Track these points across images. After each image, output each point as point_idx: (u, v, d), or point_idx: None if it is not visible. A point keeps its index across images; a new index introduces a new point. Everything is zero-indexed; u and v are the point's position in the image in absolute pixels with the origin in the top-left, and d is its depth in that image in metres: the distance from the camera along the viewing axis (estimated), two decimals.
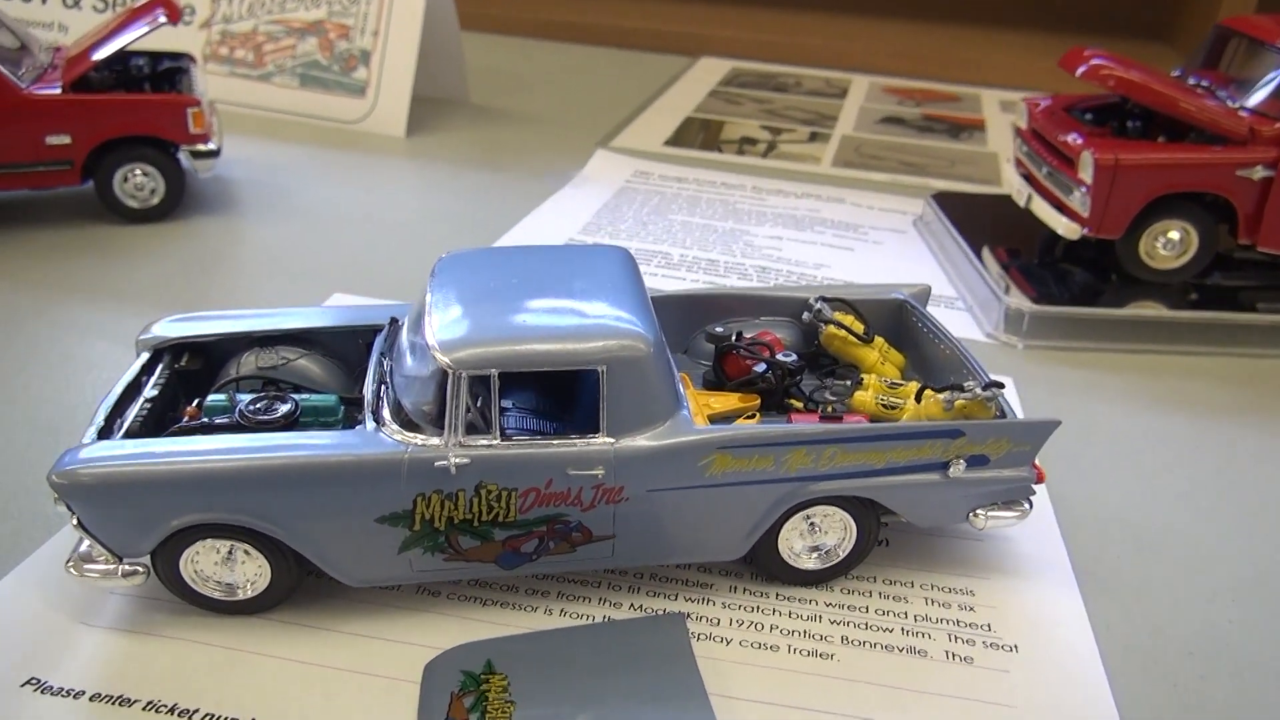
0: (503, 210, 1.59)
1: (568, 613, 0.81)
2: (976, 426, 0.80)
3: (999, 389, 0.82)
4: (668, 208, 1.64)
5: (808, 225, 1.61)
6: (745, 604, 0.83)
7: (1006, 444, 0.81)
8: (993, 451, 0.81)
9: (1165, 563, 0.90)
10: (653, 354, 0.76)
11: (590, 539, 0.78)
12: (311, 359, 0.91)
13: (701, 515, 0.79)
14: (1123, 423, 1.12)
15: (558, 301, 0.80)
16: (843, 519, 0.82)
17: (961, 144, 2.06)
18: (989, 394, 0.80)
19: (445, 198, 1.66)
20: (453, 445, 0.74)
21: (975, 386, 0.81)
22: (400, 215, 1.57)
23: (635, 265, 0.89)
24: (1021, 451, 0.81)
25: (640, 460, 0.76)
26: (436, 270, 0.86)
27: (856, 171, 1.86)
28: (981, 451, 0.81)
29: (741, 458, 0.77)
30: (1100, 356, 1.26)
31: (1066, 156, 1.33)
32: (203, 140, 1.46)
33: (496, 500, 0.75)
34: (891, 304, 1.02)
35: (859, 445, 0.78)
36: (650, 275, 1.40)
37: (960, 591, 0.86)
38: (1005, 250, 1.49)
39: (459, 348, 0.74)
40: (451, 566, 0.78)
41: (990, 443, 0.80)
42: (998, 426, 0.80)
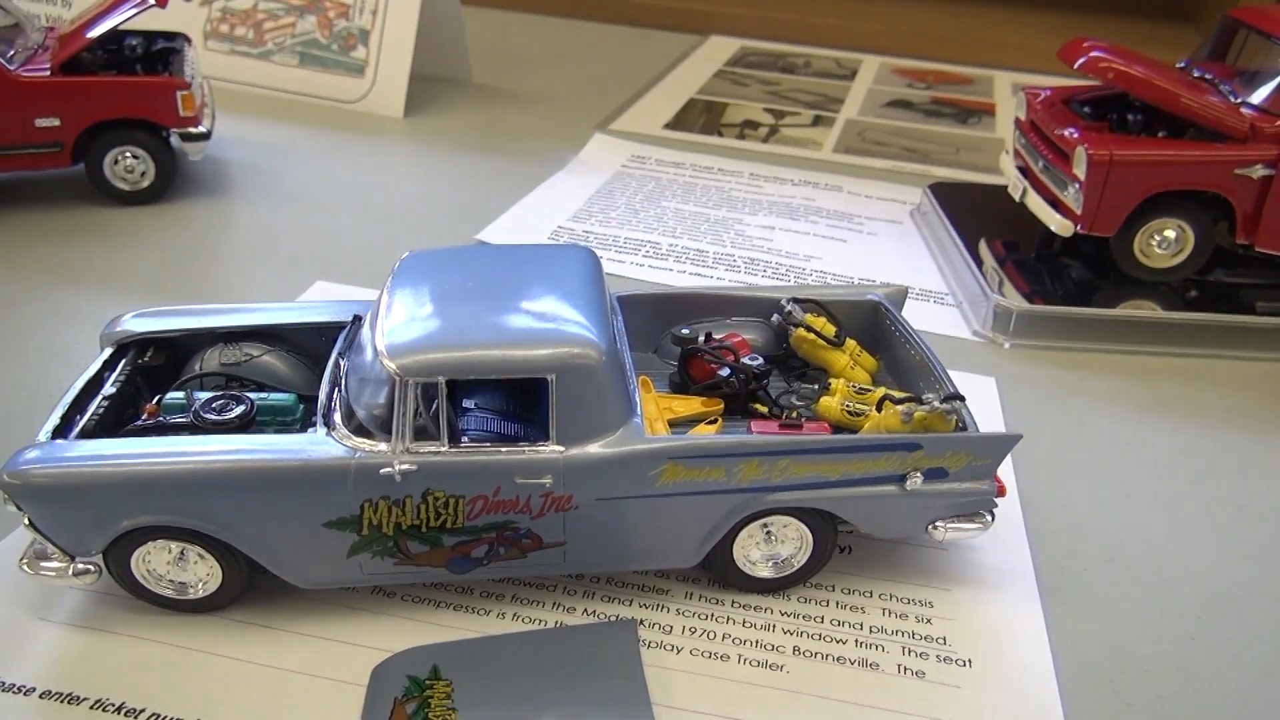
0: (494, 196, 1.58)
1: (521, 617, 0.82)
2: (935, 440, 0.79)
3: (959, 401, 0.81)
4: (661, 194, 1.63)
5: (802, 214, 1.59)
6: (700, 611, 0.83)
7: (966, 457, 0.80)
8: (952, 465, 0.80)
9: (1134, 576, 0.89)
10: (604, 362, 0.75)
11: (541, 546, 0.78)
12: (276, 355, 0.91)
13: (653, 524, 0.78)
14: (1106, 428, 1.10)
15: (512, 306, 0.79)
16: (799, 529, 0.82)
17: (969, 129, 2.02)
18: (948, 407, 0.79)
19: (437, 183, 1.65)
20: (400, 452, 0.74)
21: (934, 399, 0.80)
22: (390, 201, 1.57)
23: (598, 267, 0.89)
24: (982, 465, 0.80)
25: (590, 469, 0.75)
26: (397, 270, 0.86)
27: (857, 158, 1.84)
28: (940, 464, 0.79)
29: (693, 468, 0.76)
30: (1089, 357, 1.24)
31: (1062, 151, 1.30)
32: (193, 123, 1.46)
33: (444, 507, 0.75)
34: (866, 305, 1.01)
35: (813, 457, 0.78)
36: (637, 266, 1.39)
37: (919, 603, 0.85)
38: (1003, 243, 1.47)
39: (406, 353, 0.74)
40: (402, 570, 0.78)
41: (949, 456, 0.79)
42: (956, 440, 0.79)
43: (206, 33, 1.97)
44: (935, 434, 0.79)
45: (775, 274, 1.39)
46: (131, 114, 1.42)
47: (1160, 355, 1.24)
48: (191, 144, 1.47)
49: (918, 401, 0.81)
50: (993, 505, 0.83)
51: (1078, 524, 0.95)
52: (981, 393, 1.15)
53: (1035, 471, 1.02)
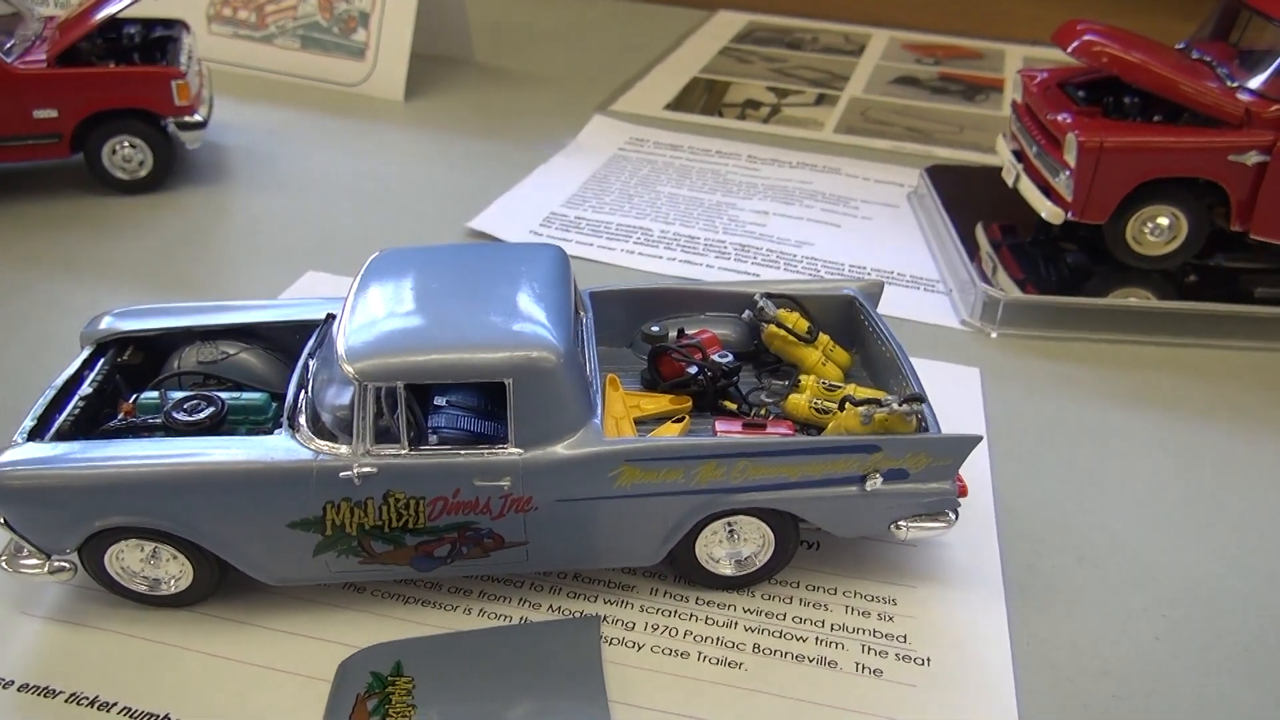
0: (490, 181, 1.59)
1: (487, 613, 0.83)
2: (894, 442, 0.79)
3: (920, 403, 0.81)
4: (657, 178, 1.63)
5: (797, 198, 1.58)
6: (663, 608, 0.84)
7: (926, 459, 0.80)
8: (912, 466, 0.80)
9: (1102, 574, 0.89)
10: (562, 365, 0.76)
11: (503, 545, 0.79)
12: (253, 353, 0.93)
13: (613, 525, 0.79)
14: (1088, 420, 1.10)
15: (474, 309, 0.80)
16: (761, 529, 0.83)
17: (975, 107, 2.00)
18: (907, 408, 0.79)
19: (434, 167, 1.66)
20: (361, 455, 0.75)
21: (893, 400, 0.80)
22: (386, 187, 1.58)
23: (566, 266, 0.89)
24: (943, 466, 0.81)
25: (548, 471, 0.76)
26: (365, 270, 0.87)
27: (858, 138, 1.82)
28: (900, 466, 0.80)
29: (650, 470, 0.77)
30: (1078, 346, 1.23)
31: (1055, 136, 1.28)
32: (188, 112, 1.47)
33: (405, 508, 0.77)
34: (841, 300, 1.00)
35: (771, 459, 0.78)
36: (627, 254, 1.39)
37: (883, 600, 0.86)
38: (1000, 227, 1.45)
39: (365, 357, 0.75)
40: (368, 568, 0.80)
41: (909, 457, 0.80)
42: (916, 442, 0.79)
43: (210, 16, 1.98)
44: (895, 436, 0.80)
45: (765, 261, 1.39)
46: (127, 104, 1.44)
47: (1149, 345, 1.23)
48: (188, 132, 1.48)
49: (878, 403, 0.81)
50: (955, 505, 0.83)
51: (1051, 520, 0.95)
52: (964, 384, 1.14)
53: (1012, 466, 1.02)
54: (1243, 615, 0.86)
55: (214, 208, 1.49)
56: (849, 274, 1.37)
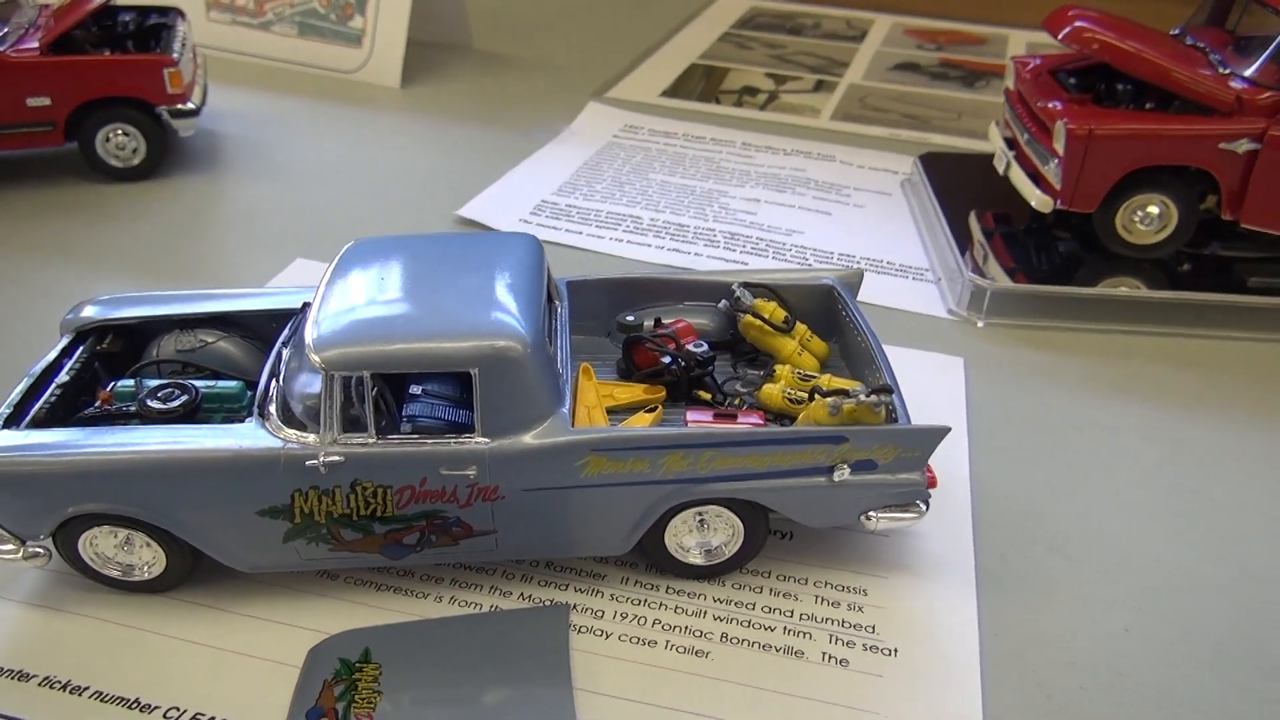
0: (483, 169, 1.59)
1: (458, 600, 0.84)
2: (861, 433, 0.79)
3: (888, 395, 0.81)
4: (649, 166, 1.62)
5: (790, 186, 1.57)
6: (634, 596, 0.85)
7: (894, 450, 0.80)
8: (880, 457, 0.80)
9: (1076, 566, 0.89)
10: (528, 355, 0.76)
11: (472, 534, 0.80)
12: (231, 342, 0.93)
13: (581, 514, 0.80)
14: (1071, 410, 1.09)
15: (443, 298, 0.80)
16: (730, 519, 0.83)
17: (974, 93, 1.98)
18: (874, 400, 0.79)
19: (427, 155, 1.66)
20: (328, 443, 0.76)
21: (861, 391, 0.80)
22: (378, 174, 1.58)
23: (540, 255, 0.89)
24: (911, 457, 0.80)
25: (514, 461, 0.77)
26: (339, 259, 0.87)
27: (855, 125, 1.81)
28: (868, 457, 0.80)
29: (616, 460, 0.77)
30: (1065, 336, 1.22)
31: (1045, 124, 1.27)
32: (181, 99, 1.48)
33: (373, 496, 0.77)
34: (820, 290, 1.00)
35: (738, 449, 0.78)
36: (616, 242, 1.39)
37: (853, 590, 0.86)
38: (994, 215, 1.45)
39: (332, 346, 0.75)
40: (338, 556, 0.81)
41: (876, 449, 0.79)
42: (883, 433, 0.79)
43: (208, 3, 1.99)
44: (862, 427, 0.80)
45: (754, 249, 1.39)
46: (119, 92, 1.45)
47: (1138, 335, 1.22)
48: (181, 120, 1.49)
49: (845, 394, 0.81)
50: (926, 496, 0.83)
51: (1027, 511, 0.95)
52: (947, 374, 1.14)
53: (991, 456, 1.02)
54: (1216, 607, 0.85)
55: (207, 195, 1.49)
56: (837, 263, 1.36)
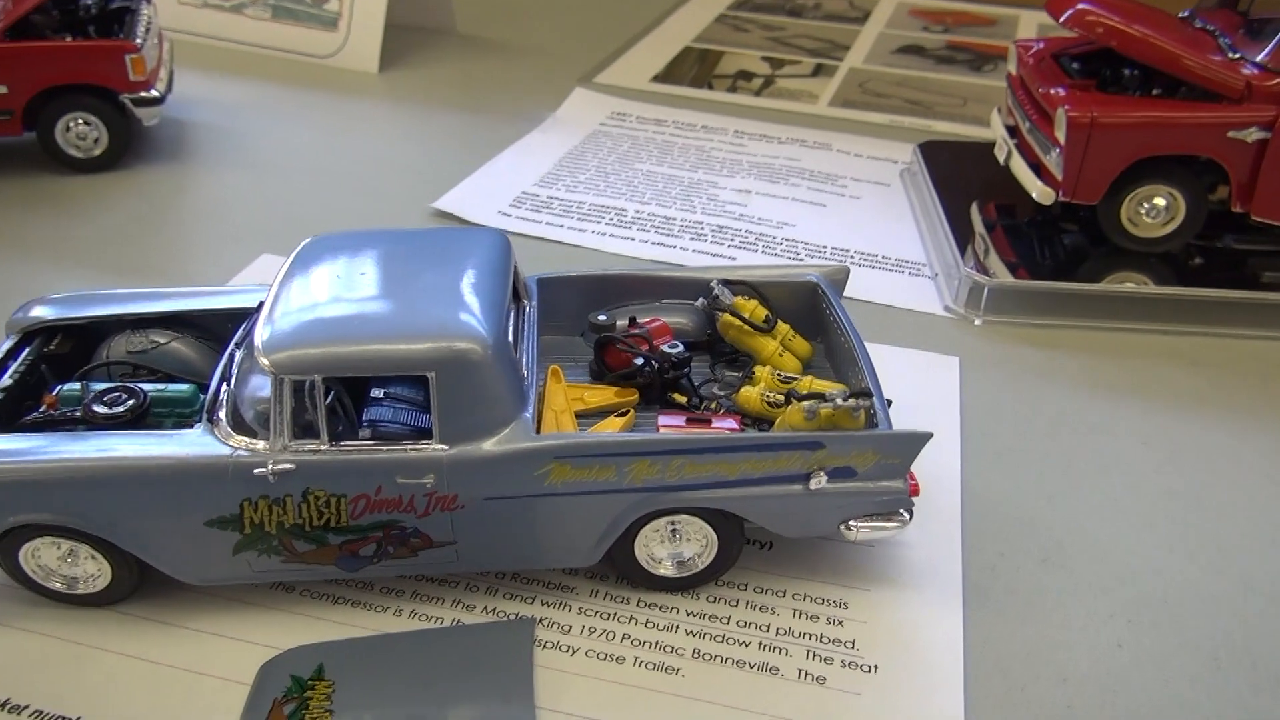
0: (462, 159, 1.59)
1: (418, 614, 0.84)
2: (839, 438, 0.79)
3: (866, 398, 0.80)
4: (636, 155, 1.62)
5: (783, 176, 1.57)
6: (603, 610, 0.84)
7: (873, 456, 0.79)
8: (859, 464, 0.80)
9: (1068, 577, 0.89)
10: (489, 357, 0.76)
11: (431, 545, 0.80)
12: (185, 342, 0.93)
13: (544, 524, 0.79)
14: (1069, 412, 1.09)
15: (401, 298, 0.80)
16: (703, 529, 0.83)
17: (981, 78, 1.97)
18: (853, 404, 0.79)
19: (406, 143, 1.66)
20: (278, 451, 0.76)
21: (838, 395, 0.80)
22: (353, 165, 1.58)
23: (506, 252, 0.89)
24: (892, 464, 0.80)
25: (473, 469, 0.77)
26: (295, 256, 0.87)
27: (854, 112, 1.81)
28: (846, 464, 0.79)
29: (580, 467, 0.77)
30: (1066, 334, 1.22)
31: (1046, 111, 1.27)
32: (145, 87, 1.48)
33: (326, 506, 0.77)
34: (804, 287, 1.00)
35: (709, 456, 0.78)
36: (598, 235, 1.39)
37: (833, 603, 0.85)
38: (997, 207, 1.44)
39: (281, 348, 0.75)
40: (291, 568, 0.80)
41: (855, 455, 0.79)
42: (862, 439, 0.79)
43: None
44: (840, 432, 0.79)
45: (743, 243, 1.38)
46: (80, 79, 1.44)
47: (1143, 333, 1.22)
48: (144, 109, 1.49)
49: (822, 397, 0.80)
50: (909, 504, 0.82)
51: (1020, 518, 0.95)
52: (942, 374, 1.14)
53: (984, 461, 1.01)
54: (1213, 620, 0.85)
55: (172, 187, 1.49)
56: (830, 257, 1.36)
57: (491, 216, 1.42)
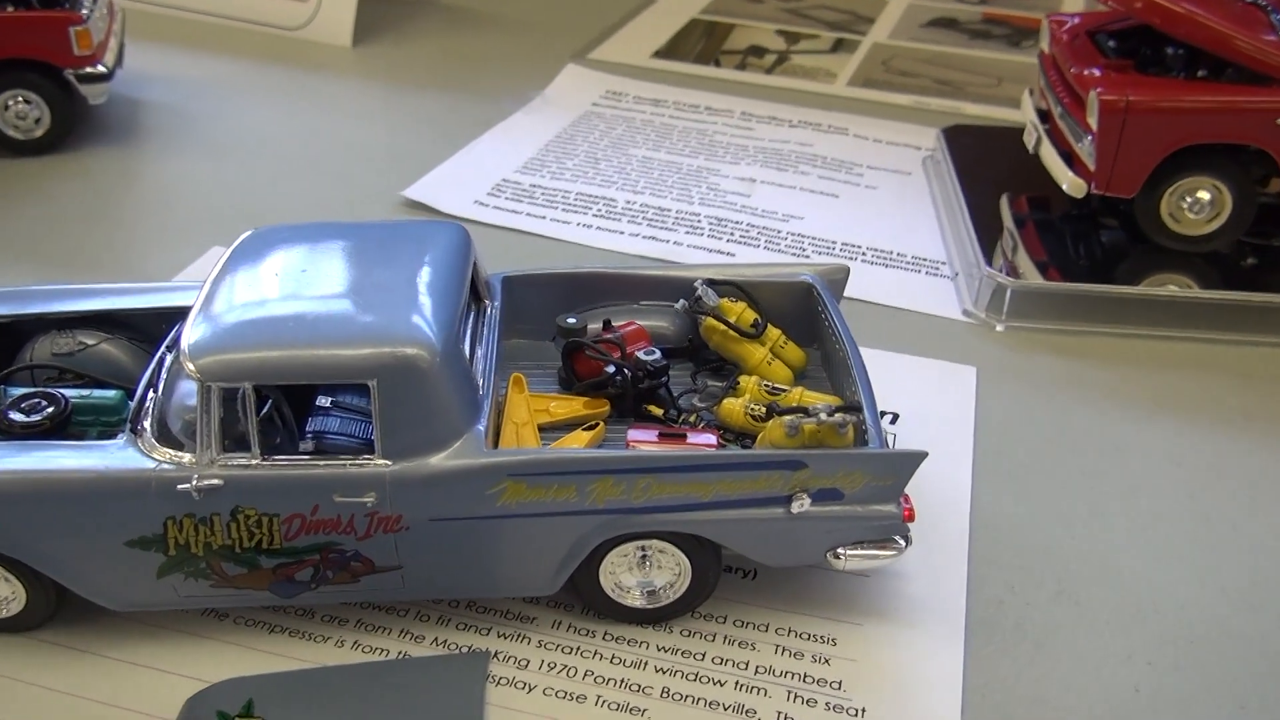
0: (440, 142, 1.59)
1: (362, 645, 0.84)
2: (823, 457, 0.79)
3: (855, 413, 0.80)
4: (631, 140, 1.62)
5: (792, 164, 1.57)
6: (565, 644, 0.85)
7: (862, 477, 0.79)
8: (846, 485, 0.80)
9: (1084, 611, 0.88)
10: (437, 364, 0.77)
11: (374, 570, 0.80)
12: (115, 344, 0.94)
13: (498, 549, 0.80)
14: (1096, 428, 1.08)
15: (345, 298, 0.81)
16: (676, 556, 0.83)
17: (1020, 54, 1.96)
18: (837, 419, 0.79)
19: (380, 125, 1.67)
20: (205, 465, 0.76)
21: (823, 409, 0.80)
22: (323, 148, 1.59)
23: (466, 248, 0.90)
24: (883, 486, 0.80)
25: (419, 487, 0.77)
26: (233, 250, 0.88)
27: (876, 92, 1.81)
28: (832, 485, 0.79)
29: (537, 486, 0.78)
30: (1096, 342, 1.21)
31: (1079, 94, 1.26)
32: (90, 62, 1.49)
33: (257, 526, 0.78)
34: (798, 288, 1.00)
35: (679, 476, 0.78)
36: (584, 228, 1.40)
37: (821, 639, 0.85)
38: (1029, 199, 1.44)
39: (208, 353, 0.76)
40: (221, 593, 0.81)
41: (841, 476, 0.79)
42: (849, 458, 0.79)
43: None
44: (824, 451, 0.79)
45: (744, 238, 1.39)
46: (20, 53, 1.46)
47: (1183, 341, 1.21)
48: (90, 86, 1.50)
49: (805, 412, 0.80)
50: (904, 530, 0.82)
51: (1034, 547, 0.95)
52: (956, 386, 1.13)
53: (997, 482, 1.01)
54: (1242, 662, 0.84)
55: (120, 172, 1.51)
56: (839, 254, 1.36)
57: (467, 206, 1.43)
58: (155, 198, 1.45)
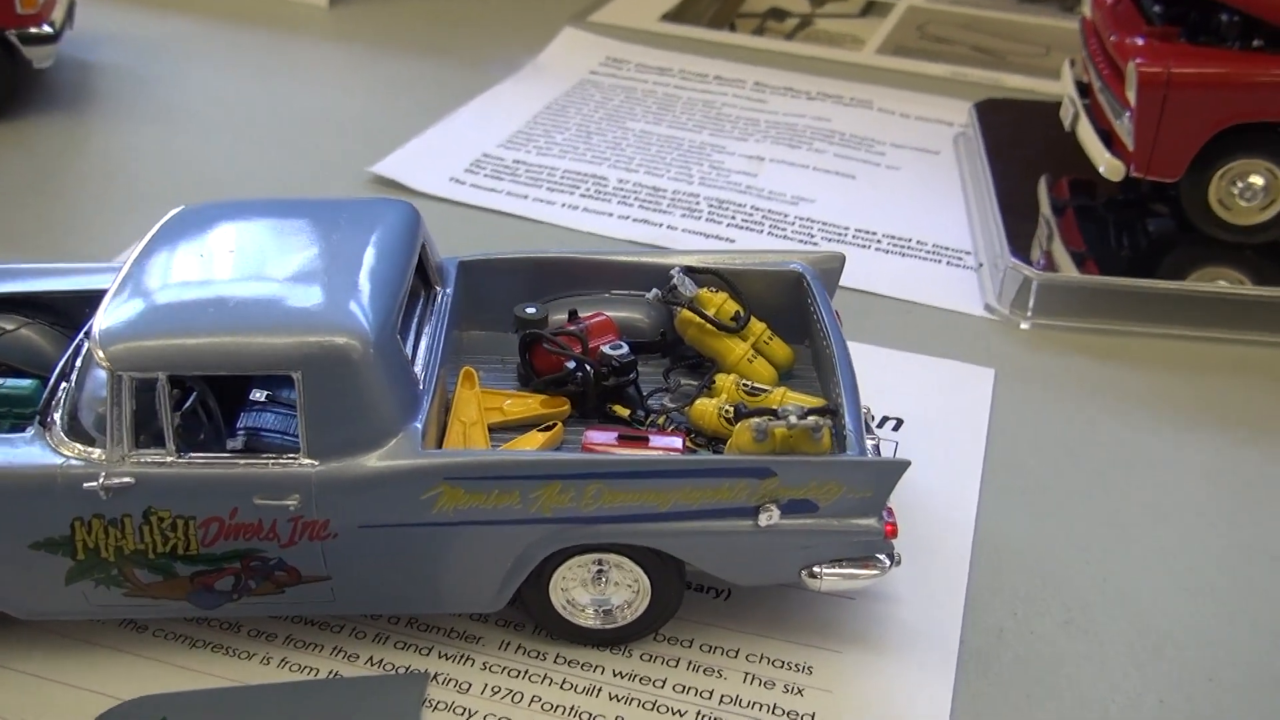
0: (419, 112, 1.62)
1: (290, 663, 0.86)
2: (793, 465, 0.79)
3: (828, 416, 0.81)
4: (629, 111, 1.64)
5: (807, 140, 1.58)
6: (512, 666, 0.86)
7: (838, 488, 0.80)
8: (820, 496, 0.80)
9: (1094, 645, 0.89)
10: (369, 355, 0.78)
11: (300, 580, 0.82)
12: (37, 330, 0.96)
13: (435, 560, 0.81)
14: (1124, 439, 1.08)
15: (274, 281, 0.82)
16: (634, 572, 0.84)
17: (1074, 20, 1.95)
18: (810, 422, 0.79)
19: (355, 93, 1.69)
20: (115, 461, 0.78)
21: (793, 412, 0.80)
22: (290, 118, 1.61)
23: (415, 227, 0.91)
24: (862, 498, 0.81)
25: (347, 489, 0.79)
26: (158, 230, 0.90)
27: (908, 61, 1.81)
28: (803, 496, 0.80)
29: (476, 492, 0.79)
30: (1133, 343, 1.21)
31: (1119, 65, 1.26)
32: (34, 22, 1.52)
33: (171, 530, 0.79)
34: (786, 278, 1.01)
35: (632, 482, 0.79)
36: (569, 209, 1.41)
37: (795, 667, 0.86)
38: (1070, 183, 1.44)
39: (119, 339, 0.77)
40: (136, 603, 0.83)
41: (814, 485, 0.80)
42: (821, 466, 0.79)
43: None
44: (795, 458, 0.80)
45: (747, 222, 1.40)
46: None
47: (1229, 343, 1.21)
48: (35, 48, 1.53)
49: (774, 414, 0.81)
50: (886, 548, 0.83)
51: (1043, 571, 0.95)
52: (970, 390, 1.14)
53: (1007, 498, 1.01)
54: (1266, 705, 0.84)
55: (65, 142, 1.54)
56: (851, 241, 1.37)
57: (440, 184, 1.44)
58: (102, 171, 1.48)
